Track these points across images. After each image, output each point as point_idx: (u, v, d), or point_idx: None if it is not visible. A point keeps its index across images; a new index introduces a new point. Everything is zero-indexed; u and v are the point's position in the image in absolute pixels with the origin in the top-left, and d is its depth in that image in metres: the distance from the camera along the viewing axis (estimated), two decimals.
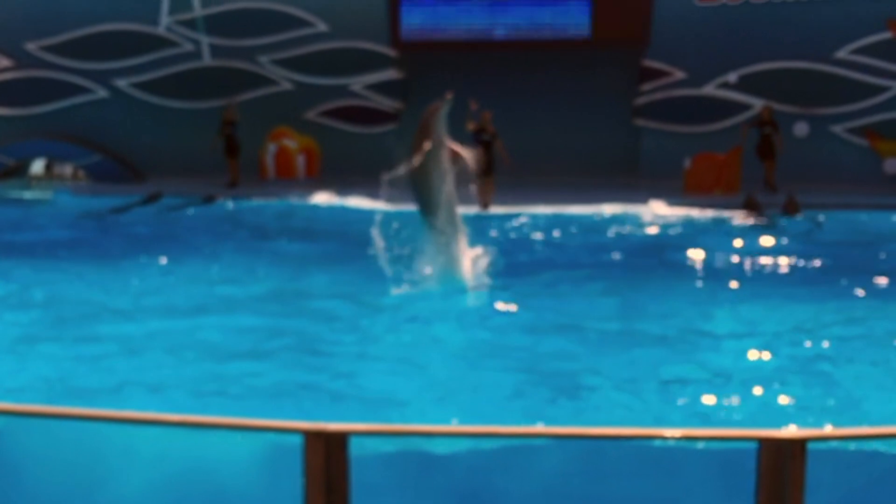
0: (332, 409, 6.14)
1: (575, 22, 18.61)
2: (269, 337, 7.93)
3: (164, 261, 11.11)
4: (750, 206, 15.24)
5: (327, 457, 3.20)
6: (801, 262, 11.20)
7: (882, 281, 9.94)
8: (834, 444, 3.69)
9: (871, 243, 12.42)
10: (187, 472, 3.98)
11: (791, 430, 3.43)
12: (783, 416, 6.01)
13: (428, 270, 9.41)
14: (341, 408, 6.23)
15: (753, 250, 11.89)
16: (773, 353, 7.47)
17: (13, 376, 6.93)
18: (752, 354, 7.48)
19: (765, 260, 11.35)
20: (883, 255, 11.56)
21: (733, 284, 10.14)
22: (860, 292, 9.47)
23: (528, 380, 6.87)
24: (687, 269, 11.08)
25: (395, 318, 8.54)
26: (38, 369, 7.11)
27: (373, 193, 11.60)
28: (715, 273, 10.88)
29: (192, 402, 6.37)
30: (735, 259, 11.39)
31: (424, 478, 3.96)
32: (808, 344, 7.73)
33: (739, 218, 14.69)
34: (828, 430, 5.08)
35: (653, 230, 13.67)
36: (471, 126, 14.58)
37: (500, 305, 8.96)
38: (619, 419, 6.10)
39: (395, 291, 9.06)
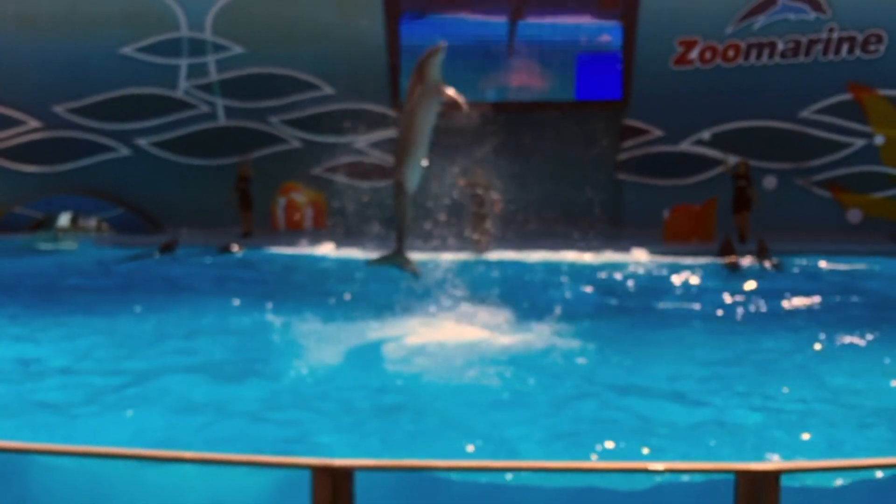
0: (344, 447, 6.08)
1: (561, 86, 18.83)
2: (284, 375, 7.88)
3: (181, 303, 11.09)
4: (726, 248, 15.29)
5: (334, 491, 3.17)
6: (772, 303, 11.22)
7: (847, 319, 9.97)
8: (808, 476, 3.67)
9: (835, 285, 12.47)
10: None
11: (766, 463, 3.41)
12: (760, 450, 5.97)
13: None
14: (352, 445, 6.17)
15: (728, 291, 11.92)
16: (749, 387, 7.44)
17: (36, 412, 6.87)
18: (728, 387, 7.45)
19: (738, 300, 11.41)
20: (846, 297, 11.58)
21: (710, 322, 10.17)
22: (828, 329, 9.46)
23: (523, 413, 6.83)
24: (668, 310, 11.08)
25: (399, 356, 8.51)
26: (56, 403, 7.05)
27: (376, 245, 11.67)
28: (693, 313, 10.88)
29: (206, 436, 6.31)
30: (711, 300, 11.41)
31: None
32: (785, 378, 7.70)
33: (715, 262, 14.73)
34: (801, 462, 5.05)
35: (636, 276, 13.68)
36: (462, 182, 14.66)
37: (497, 342, 8.94)
38: (602, 452, 6.04)
39: (402, 331, 9.05)
